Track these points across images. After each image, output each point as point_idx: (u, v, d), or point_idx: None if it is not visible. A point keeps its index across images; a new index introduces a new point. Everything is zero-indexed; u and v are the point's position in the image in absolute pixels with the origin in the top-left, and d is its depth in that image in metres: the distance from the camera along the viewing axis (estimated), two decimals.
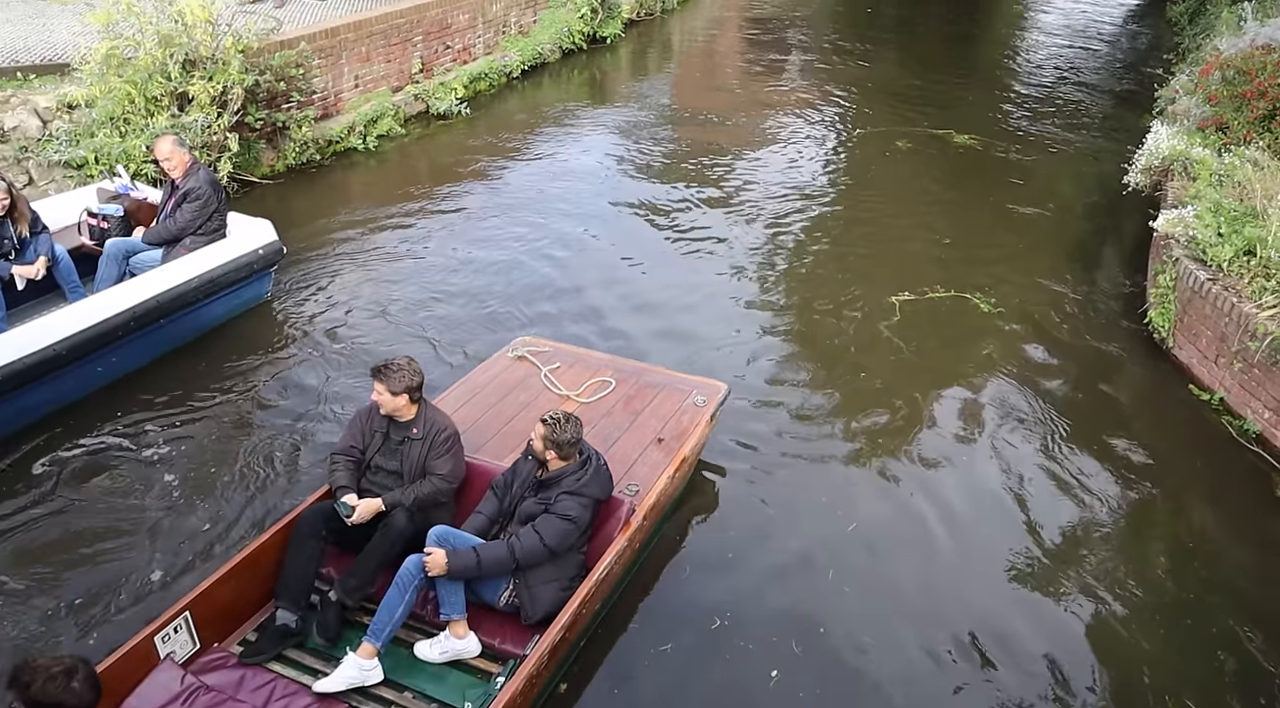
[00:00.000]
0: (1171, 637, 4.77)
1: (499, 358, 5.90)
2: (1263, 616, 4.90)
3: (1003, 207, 9.78)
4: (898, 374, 6.82)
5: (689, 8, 19.14)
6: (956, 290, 7.94)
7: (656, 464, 4.93)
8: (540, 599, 4.20)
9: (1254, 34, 9.99)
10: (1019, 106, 13.43)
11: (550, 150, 10.95)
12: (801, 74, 15.19)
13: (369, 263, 8.06)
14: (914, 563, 5.14)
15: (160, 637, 3.91)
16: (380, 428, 4.54)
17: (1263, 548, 5.39)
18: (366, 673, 4.02)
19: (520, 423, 5.21)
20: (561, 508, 4.22)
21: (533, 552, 4.15)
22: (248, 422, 6.02)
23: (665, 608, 4.75)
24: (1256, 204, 6.95)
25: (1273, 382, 6.01)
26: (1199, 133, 8.64)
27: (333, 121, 10.28)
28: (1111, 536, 5.43)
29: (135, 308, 6.10)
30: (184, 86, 8.30)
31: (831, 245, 9.02)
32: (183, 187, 6.56)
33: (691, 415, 5.32)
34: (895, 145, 11.59)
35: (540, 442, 4.32)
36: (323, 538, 4.35)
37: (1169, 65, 13.85)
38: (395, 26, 11.12)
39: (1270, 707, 4.42)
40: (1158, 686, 4.51)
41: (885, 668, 4.49)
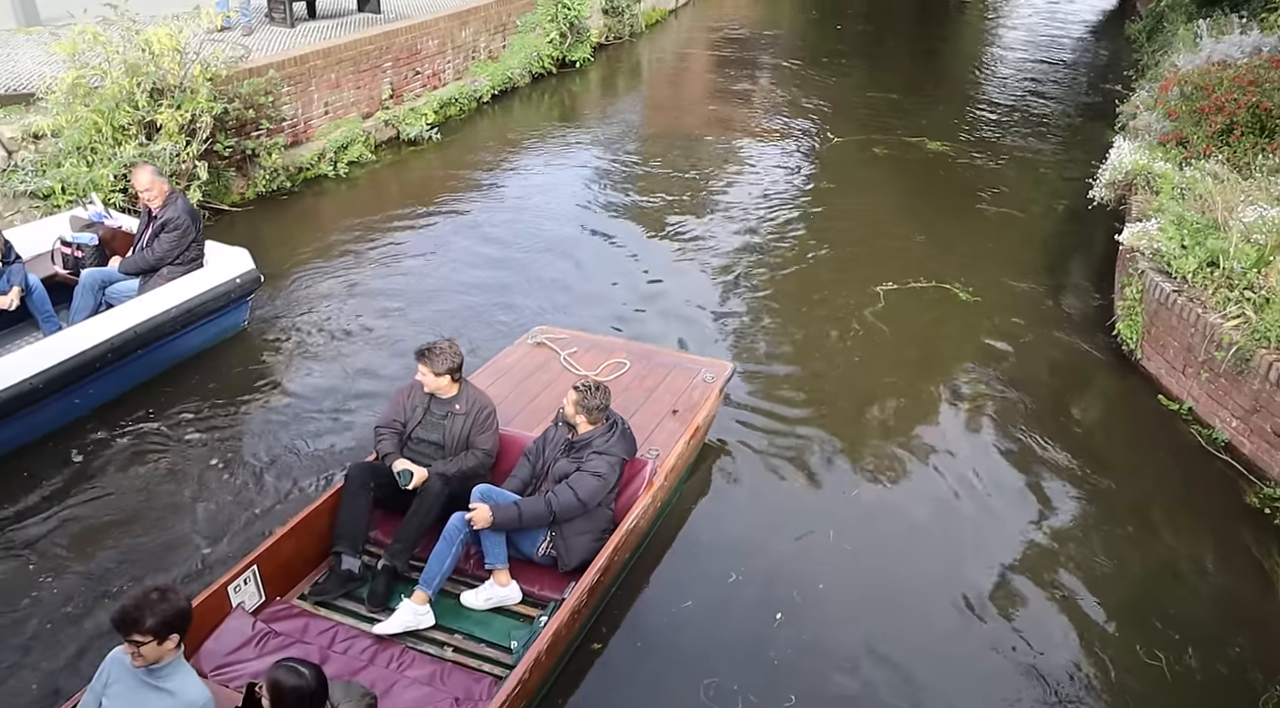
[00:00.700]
0: (1144, 643, 4.80)
1: (519, 345, 6.36)
2: (1235, 621, 4.95)
3: (972, 228, 9.90)
4: (881, 360, 7.27)
5: (657, 31, 19.31)
6: (933, 296, 8.06)
7: (673, 432, 5.38)
8: (575, 549, 4.66)
9: (1210, 50, 10.24)
10: (986, 120, 13.65)
11: (521, 173, 10.99)
12: (773, 91, 15.38)
13: (343, 288, 8.03)
14: (901, 534, 5.55)
15: (232, 587, 4.28)
16: (421, 403, 4.95)
17: (1233, 554, 5.45)
18: (420, 617, 4.44)
19: (544, 400, 5.66)
20: (592, 466, 4.67)
21: (568, 505, 4.59)
22: (226, 451, 5.95)
23: (683, 563, 5.23)
24: (1218, 216, 7.09)
25: (1239, 391, 6.10)
26: (1160, 147, 8.80)
27: (303, 148, 10.26)
28: (1084, 544, 5.48)
29: (113, 339, 6.03)
30: (152, 115, 8.24)
31: (813, 242, 9.38)
32: (161, 216, 6.50)
33: (702, 390, 5.80)
34: (872, 152, 11.91)
35: (572, 407, 4.77)
36: (371, 490, 4.73)
37: (1129, 81, 14.12)
38: (365, 53, 11.13)
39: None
40: (1130, 691, 4.54)
41: (875, 618, 4.89)
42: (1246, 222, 6.84)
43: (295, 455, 5.94)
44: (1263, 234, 6.67)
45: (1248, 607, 5.07)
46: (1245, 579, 5.27)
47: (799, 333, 7.73)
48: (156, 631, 3.17)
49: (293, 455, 5.94)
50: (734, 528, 5.50)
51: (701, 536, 5.45)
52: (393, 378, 6.71)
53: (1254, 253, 6.51)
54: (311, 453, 5.97)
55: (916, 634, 4.81)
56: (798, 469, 6.03)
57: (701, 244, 9.29)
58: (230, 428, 6.19)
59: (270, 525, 5.22)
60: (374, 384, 6.69)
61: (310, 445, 6.05)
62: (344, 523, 4.68)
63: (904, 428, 6.49)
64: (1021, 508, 5.76)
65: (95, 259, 6.80)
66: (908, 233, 9.56)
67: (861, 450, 6.25)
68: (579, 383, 4.86)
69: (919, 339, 7.58)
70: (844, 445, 6.28)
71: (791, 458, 6.12)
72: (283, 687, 3.18)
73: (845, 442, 6.31)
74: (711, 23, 20.96)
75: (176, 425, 6.15)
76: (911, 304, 8.08)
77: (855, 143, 12.42)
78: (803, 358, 7.34)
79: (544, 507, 4.58)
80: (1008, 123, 13.53)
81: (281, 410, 6.39)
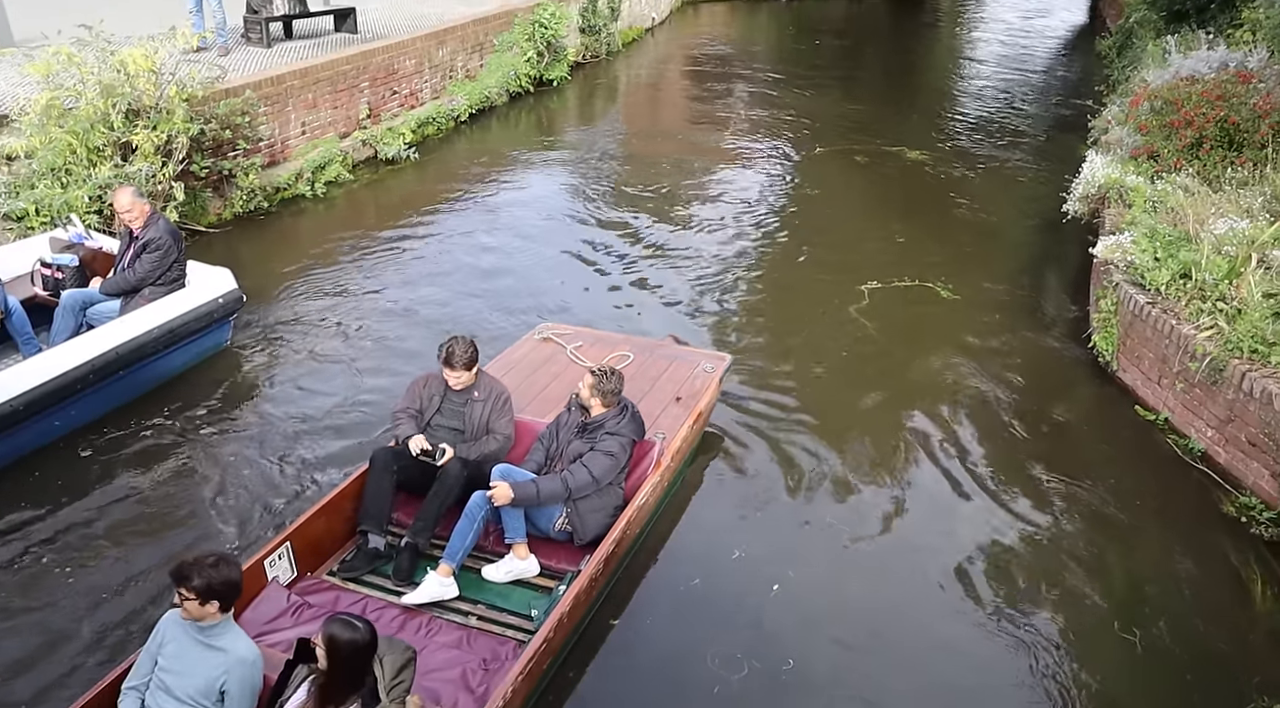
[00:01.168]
0: (1119, 652, 4.83)
1: (526, 341, 6.68)
2: (1215, 629, 4.99)
3: (949, 239, 9.99)
4: (866, 357, 7.65)
5: (634, 50, 19.42)
6: (914, 296, 8.14)
7: (677, 417, 5.74)
8: (590, 524, 4.95)
9: (1178, 66, 10.39)
10: (962, 135, 13.81)
11: (499, 191, 11.00)
12: (754, 105, 15.55)
13: (324, 306, 8.01)
14: (886, 520, 5.83)
15: (268, 562, 4.54)
16: (439, 392, 5.26)
17: (1212, 563, 5.49)
18: (445, 589, 4.71)
19: (553, 390, 5.99)
20: (605, 446, 4.97)
21: (582, 483, 4.87)
22: (212, 470, 5.93)
23: (689, 541, 5.56)
24: (1189, 229, 7.18)
25: (1213, 401, 6.17)
26: (1132, 161, 8.92)
27: (280, 168, 10.22)
28: (1062, 553, 5.51)
29: (94, 360, 5.99)
30: (127, 136, 8.20)
31: (798, 245, 9.80)
32: (142, 237, 6.48)
33: (703, 379, 6.15)
34: (854, 160, 12.25)
35: (589, 391, 5.08)
36: (394, 473, 4.99)
37: (1100, 96, 14.32)
38: (341, 73, 11.13)
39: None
40: (1109, 699, 4.57)
41: (863, 590, 5.23)
42: (1217, 234, 6.94)
43: (281, 472, 5.93)
44: (1233, 246, 6.76)
45: (1227, 615, 5.11)
46: (1224, 587, 5.31)
47: (789, 328, 8.06)
48: (200, 591, 3.48)
49: (279, 471, 5.93)
50: (734, 509, 5.84)
51: (705, 516, 5.78)
52: (376, 391, 6.77)
53: (1225, 265, 6.60)
54: (298, 468, 5.97)
55: (900, 604, 5.14)
56: (792, 457, 6.30)
57: (689, 249, 9.57)
58: (214, 447, 6.15)
59: (263, 534, 5.27)
60: (358, 399, 6.71)
61: (297, 460, 6.05)
62: (369, 504, 4.95)
63: (888, 423, 6.71)
64: (1001, 516, 5.79)
65: (76, 280, 6.76)
66: (889, 235, 9.85)
67: (850, 442, 6.51)
68: (595, 368, 5.17)
69: (900, 340, 7.82)
70: (834, 436, 6.54)
71: (787, 446, 6.40)
72: (339, 639, 3.39)
73: (835, 432, 6.58)
74: (689, 40, 21.11)
75: (158, 445, 6.10)
76: (894, 303, 8.45)
77: (837, 152, 12.68)
78: (794, 353, 7.64)
79: (560, 485, 4.87)
80: (983, 137, 13.71)
81: (266, 427, 6.37)
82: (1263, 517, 5.65)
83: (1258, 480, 5.84)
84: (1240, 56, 10.16)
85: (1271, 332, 5.97)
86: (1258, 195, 7.61)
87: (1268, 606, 5.17)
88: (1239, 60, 10.03)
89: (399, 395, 5.49)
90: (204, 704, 3.58)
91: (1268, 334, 5.97)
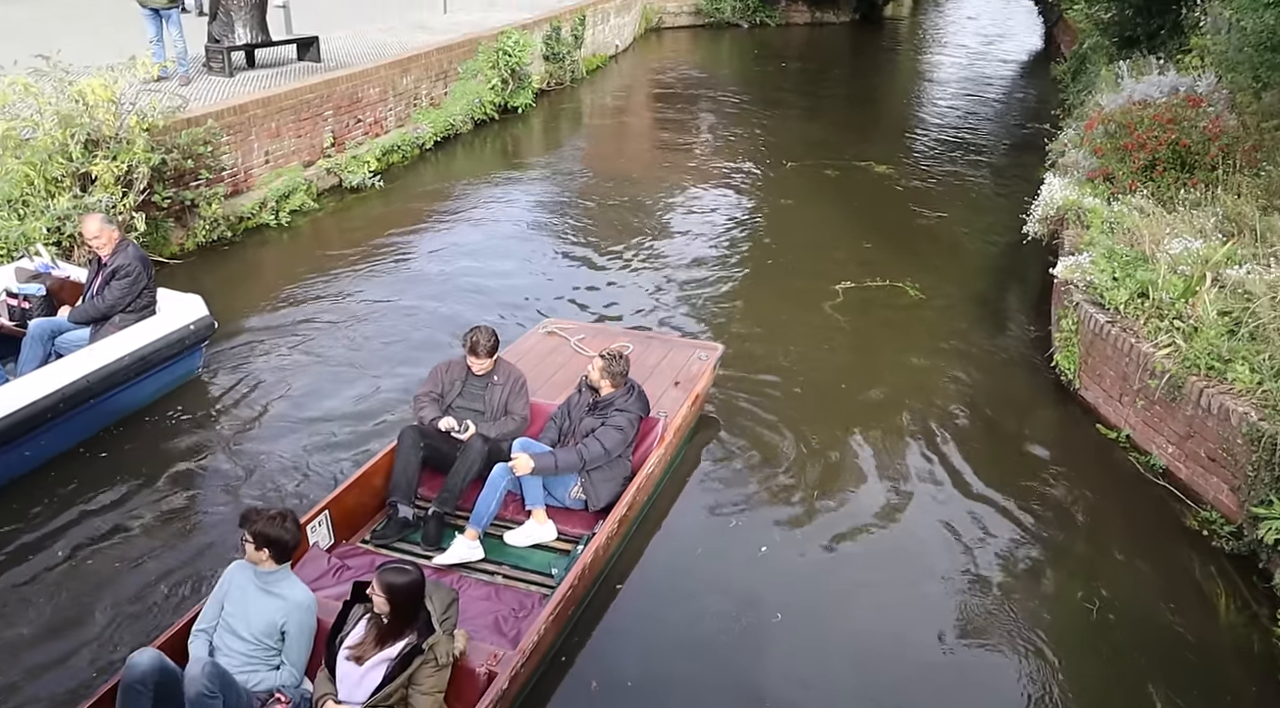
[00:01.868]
0: (1087, 668, 4.86)
1: (532, 334, 7.24)
2: (1180, 642, 5.04)
3: (916, 261, 10.11)
4: (840, 351, 8.17)
5: (599, 76, 19.56)
6: (885, 300, 8.20)
7: (677, 398, 6.26)
8: (602, 492, 5.44)
9: (1130, 90, 10.64)
10: (924, 161, 14.03)
11: (465, 216, 11.01)
12: (718, 128, 15.78)
13: (290, 334, 7.96)
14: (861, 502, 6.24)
15: (309, 527, 4.91)
16: (459, 377, 5.73)
17: (1176, 577, 5.56)
18: (472, 551, 5.17)
19: (560, 377, 6.54)
20: (615, 422, 5.46)
21: (596, 454, 5.37)
22: (185, 498, 5.88)
23: (689, 513, 6.06)
24: (1145, 249, 7.32)
25: (1173, 417, 6.27)
26: (1089, 183, 9.09)
27: (244, 198, 10.14)
28: (1027, 571, 5.56)
29: (64, 389, 5.91)
30: (86, 166, 8.10)
31: (775, 249, 10.44)
32: (111, 264, 6.41)
33: (699, 366, 6.72)
34: (824, 174, 12.74)
35: (599, 373, 5.56)
36: (421, 449, 5.43)
37: (1057, 120, 14.61)
38: (305, 102, 11.09)
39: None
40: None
41: (844, 554, 5.74)
42: (1173, 254, 7.07)
43: (258, 497, 5.89)
44: (1188, 265, 6.90)
45: (1194, 628, 5.16)
46: (1189, 601, 5.36)
47: (770, 324, 8.56)
48: (256, 536, 3.97)
49: (255, 497, 5.88)
50: (728, 484, 6.32)
51: (702, 488, 6.27)
52: (348, 414, 6.78)
53: (1181, 284, 6.73)
54: (274, 491, 5.96)
55: (880, 568, 5.60)
56: (777, 439, 6.74)
57: (666, 258, 9.99)
58: (188, 475, 6.10)
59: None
60: (329, 424, 6.69)
61: (272, 485, 6.03)
62: (398, 477, 5.40)
63: (854, 444, 6.84)
64: (965, 536, 5.83)
65: (43, 310, 6.71)
66: (856, 244, 10.25)
67: (831, 423, 7.03)
68: (604, 352, 5.66)
69: (865, 366, 7.90)
70: (817, 419, 7.03)
71: (772, 429, 6.86)
72: (396, 584, 3.81)
73: (818, 416, 7.09)
74: (654, 67, 21.32)
75: (132, 474, 6.04)
76: (863, 319, 8.80)
77: (802, 180, 12.97)
78: (777, 345, 8.11)
79: (576, 456, 5.35)
80: (945, 161, 13.98)
81: (240, 454, 6.32)
82: (1224, 531, 5.73)
83: (1218, 495, 5.94)
84: (1190, 81, 10.43)
85: (1227, 349, 6.09)
86: (1210, 216, 7.79)
87: (1232, 619, 5.24)
88: (1189, 85, 10.28)
89: (370, 418, 5.68)
90: (266, 643, 4.02)
91: (1223, 351, 6.08)
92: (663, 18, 26.64)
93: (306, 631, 4.05)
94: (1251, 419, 5.57)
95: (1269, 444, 5.40)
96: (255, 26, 11.91)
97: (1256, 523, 5.38)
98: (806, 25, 28.26)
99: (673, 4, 26.98)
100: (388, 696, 3.77)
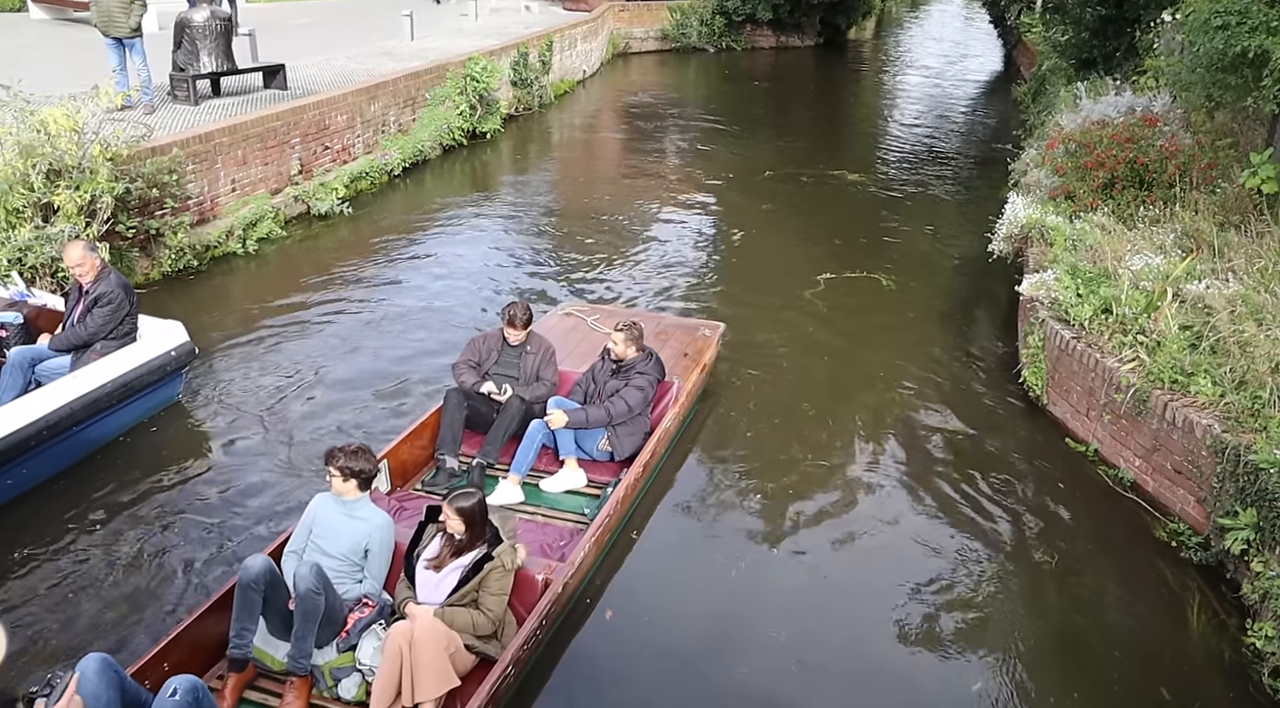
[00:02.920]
0: (1061, 680, 4.88)
1: (552, 315, 8.11)
2: (1152, 653, 5.08)
3: (885, 283, 10.22)
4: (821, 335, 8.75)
5: (567, 101, 19.67)
6: (862, 290, 8.28)
7: (687, 367, 7.12)
8: (626, 445, 6.22)
9: (1089, 111, 10.86)
10: (892, 183, 14.22)
11: (435, 241, 11.00)
12: (684, 149, 15.93)
13: (261, 360, 7.90)
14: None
15: None
16: (495, 347, 6.50)
17: (1146, 588, 5.61)
18: (514, 494, 5.95)
19: (581, 349, 7.32)
20: (636, 383, 6.27)
21: (621, 411, 6.16)
22: (167, 524, 5.84)
23: (700, 472, 6.77)
24: (1108, 265, 7.45)
25: (1139, 431, 6.35)
26: (1051, 202, 9.24)
27: (210, 226, 10.05)
28: (998, 585, 5.59)
29: (47, 417, 5.89)
30: (49, 197, 8.00)
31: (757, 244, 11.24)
32: (93, 291, 6.39)
33: (703, 340, 7.61)
34: (801, 182, 13.28)
35: (621, 342, 6.33)
36: (464, 408, 6.21)
37: (1019, 140, 14.88)
38: (271, 129, 11.04)
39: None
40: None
41: (833, 504, 6.43)
42: (1134, 270, 7.20)
43: (240, 517, 5.91)
44: (1149, 281, 7.02)
45: (1165, 639, 5.21)
46: (1160, 612, 5.42)
47: (760, 308, 9.27)
48: (343, 470, 4.63)
49: (238, 518, 5.90)
50: (730, 445, 7.00)
51: (708, 448, 7.00)
52: (326, 434, 6.79)
53: (1143, 299, 6.85)
54: (257, 512, 5.97)
55: (848, 580, 5.78)
56: (780, 409, 7.41)
57: (634, 272, 10.22)
58: (168, 501, 6.06)
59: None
60: (312, 440, 6.73)
61: (254, 505, 6.04)
62: (444, 433, 6.15)
63: (835, 438, 7.14)
64: (935, 549, 5.86)
65: (21, 338, 6.68)
66: (822, 265, 10.24)
67: (817, 399, 7.63)
68: (622, 323, 6.42)
69: (833, 386, 7.93)
70: (808, 391, 7.73)
71: (774, 400, 7.55)
72: (465, 506, 4.56)
73: (809, 389, 7.79)
74: (622, 90, 21.49)
75: (114, 501, 6.01)
76: (841, 316, 9.32)
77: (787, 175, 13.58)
78: (765, 329, 8.86)
79: (604, 412, 6.14)
80: (912, 185, 14.18)
81: (221, 479, 6.34)
82: (1191, 542, 5.80)
83: (1184, 506, 6.01)
84: (1145, 101, 10.67)
85: (1189, 362, 6.19)
86: (1169, 232, 7.94)
87: (1202, 628, 5.29)
88: (1145, 104, 10.52)
89: (345, 435, 6.33)
90: (352, 559, 4.68)
91: (1186, 365, 6.18)
92: (630, 43, 26.89)
93: (386, 548, 4.75)
94: (1215, 431, 5.66)
95: (1232, 456, 5.48)
96: (220, 55, 11.86)
97: (1223, 534, 5.46)
98: (772, 49, 28.64)
99: (639, 29, 27.24)
100: (463, 595, 4.52)
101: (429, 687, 4.21)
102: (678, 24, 27.40)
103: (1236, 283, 6.81)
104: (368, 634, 4.52)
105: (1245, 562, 5.34)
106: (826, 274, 10.04)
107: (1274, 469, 5.19)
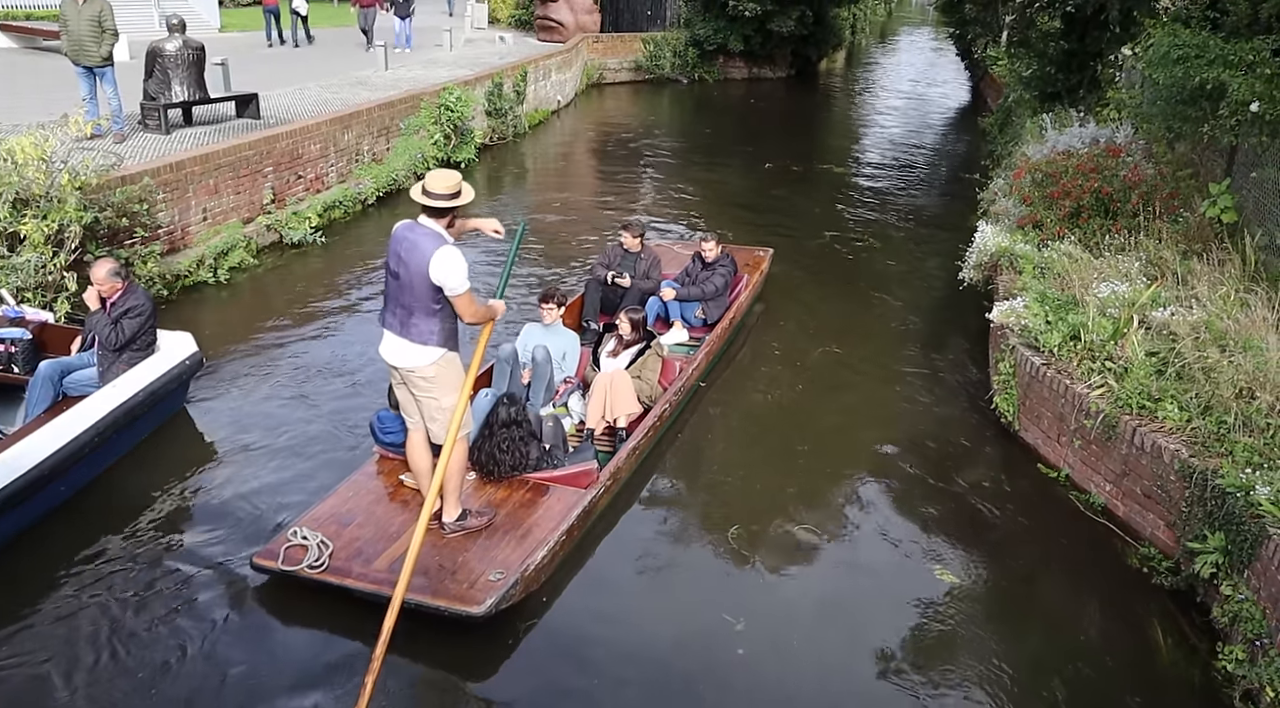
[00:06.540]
0: (1030, 705, 4.91)
1: (650, 243, 9.86)
2: (1125, 679, 5.09)
3: (855, 312, 10.30)
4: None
5: (541, 131, 19.77)
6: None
7: (749, 269, 9.70)
8: (713, 313, 8.68)
9: (1055, 141, 11.06)
10: (860, 209, 14.35)
11: None
12: (657, 176, 15.93)
13: (241, 382, 7.89)
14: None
15: None
16: (618, 254, 8.96)
17: (1118, 614, 5.63)
18: (680, 335, 8.63)
19: (668, 267, 9.48)
20: (720, 273, 8.80)
21: (711, 290, 8.66)
22: (195, 524, 6.02)
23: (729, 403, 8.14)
24: (1075, 293, 7.56)
25: (1109, 456, 6.42)
26: (1019, 230, 9.38)
27: (181, 255, 9.98)
28: (970, 611, 5.59)
29: (98, 424, 6.09)
30: (15, 226, 7.91)
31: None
32: (122, 304, 6.60)
33: (759, 258, 10.31)
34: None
35: (711, 249, 8.98)
36: (600, 290, 8.79)
37: (987, 170, 15.10)
38: (244, 158, 11.01)
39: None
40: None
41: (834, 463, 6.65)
42: (1101, 297, 7.31)
43: (253, 507, 6.21)
44: (1116, 308, 7.13)
45: (1138, 664, 5.22)
46: (1133, 637, 5.43)
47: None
48: (551, 298, 7.49)
49: (252, 508, 6.20)
50: (704, 475, 7.16)
51: (763, 347, 9.04)
52: (319, 439, 7.00)
53: (1110, 326, 6.95)
54: (275, 511, 6.14)
55: (819, 605, 5.59)
56: (748, 439, 7.66)
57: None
58: (192, 497, 6.32)
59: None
60: (295, 461, 6.75)
61: (275, 504, 6.24)
62: (587, 308, 8.71)
63: (807, 466, 7.06)
64: (907, 574, 5.87)
65: (28, 354, 6.79)
66: None
67: (787, 426, 7.91)
68: (711, 235, 9.15)
69: (807, 407, 7.94)
70: (779, 419, 8.04)
71: (746, 425, 7.85)
72: (635, 317, 7.64)
73: (780, 416, 8.10)
74: (596, 120, 21.63)
75: (144, 505, 6.19)
76: (809, 352, 9.04)
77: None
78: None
79: (700, 290, 8.64)
80: (883, 216, 14.33)
81: (240, 474, 6.60)
82: (1162, 566, 5.85)
83: (1155, 531, 6.07)
84: (1109, 132, 10.88)
85: (1156, 388, 6.27)
86: (1134, 260, 8.07)
87: (1173, 654, 5.31)
88: (1108, 136, 10.73)
89: (330, 444, 6.84)
90: (555, 358, 7.22)
91: (1153, 390, 6.27)
92: (604, 73, 27.13)
93: (577, 352, 7.51)
94: (1183, 456, 5.73)
95: (1200, 480, 5.55)
96: (192, 83, 11.85)
97: (1192, 558, 5.50)
98: (744, 80, 28.99)
99: (614, 60, 27.51)
100: (634, 370, 7.15)
101: (622, 407, 6.79)
102: (651, 55, 27.73)
103: (1200, 310, 6.93)
104: (573, 395, 7.17)
105: (1215, 585, 5.38)
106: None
107: (1240, 493, 5.26)
